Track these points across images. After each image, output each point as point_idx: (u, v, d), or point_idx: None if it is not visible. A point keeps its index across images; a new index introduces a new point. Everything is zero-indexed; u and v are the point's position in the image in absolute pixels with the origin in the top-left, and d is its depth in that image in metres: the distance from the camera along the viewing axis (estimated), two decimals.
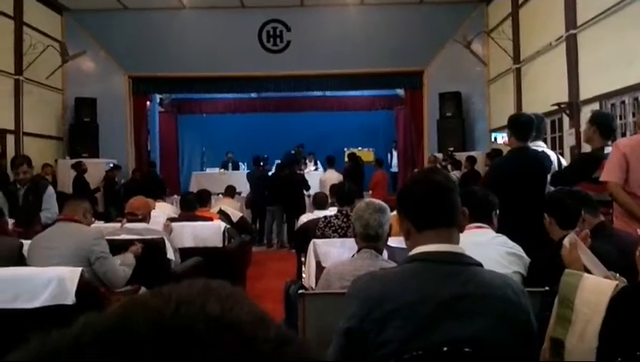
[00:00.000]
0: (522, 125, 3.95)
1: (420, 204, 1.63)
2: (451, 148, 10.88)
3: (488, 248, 2.56)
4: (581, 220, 2.85)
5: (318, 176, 11.13)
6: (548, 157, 3.98)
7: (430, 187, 1.62)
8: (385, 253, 2.69)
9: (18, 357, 0.39)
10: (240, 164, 13.48)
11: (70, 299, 2.77)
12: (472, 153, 10.49)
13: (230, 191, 9.01)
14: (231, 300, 0.43)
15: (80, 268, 2.92)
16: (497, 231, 2.79)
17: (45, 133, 10.94)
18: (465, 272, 1.55)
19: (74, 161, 10.25)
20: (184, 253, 4.89)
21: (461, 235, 1.65)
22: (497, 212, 2.86)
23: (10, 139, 9.70)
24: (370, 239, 2.57)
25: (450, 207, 1.62)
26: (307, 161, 11.16)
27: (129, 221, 4.42)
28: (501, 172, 4.01)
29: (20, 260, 3.57)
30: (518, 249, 2.71)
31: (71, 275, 2.83)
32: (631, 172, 3.32)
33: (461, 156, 10.25)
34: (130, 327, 0.39)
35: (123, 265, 3.72)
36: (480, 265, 1.59)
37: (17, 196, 5.19)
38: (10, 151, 9.55)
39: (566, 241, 2.25)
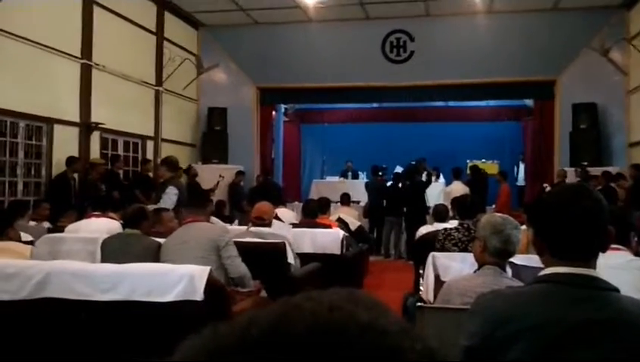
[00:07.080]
0: None
1: (562, 234, 1.46)
2: (585, 163, 10.18)
3: (625, 272, 2.38)
4: None
5: (438, 188, 10.91)
6: None
7: (577, 217, 1.43)
8: (509, 271, 2.59)
9: (193, 345, 0.44)
10: (359, 173, 13.58)
11: (199, 296, 2.93)
12: (609, 168, 9.75)
13: (345, 199, 9.09)
14: (377, 309, 0.46)
15: (209, 267, 3.11)
16: (636, 255, 2.59)
17: (181, 140, 11.76)
18: (599, 298, 1.43)
19: (205, 165, 10.87)
20: (303, 258, 5.03)
21: None
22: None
23: (150, 145, 10.58)
24: (507, 255, 2.52)
25: (597, 240, 1.46)
26: (432, 175, 10.96)
27: (255, 225, 4.63)
28: None
29: (156, 258, 3.89)
30: None
31: (200, 273, 3.01)
32: None
33: (596, 171, 9.55)
34: (291, 326, 0.43)
35: None
36: (616, 290, 1.47)
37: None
38: (150, 156, 10.41)
39: None
